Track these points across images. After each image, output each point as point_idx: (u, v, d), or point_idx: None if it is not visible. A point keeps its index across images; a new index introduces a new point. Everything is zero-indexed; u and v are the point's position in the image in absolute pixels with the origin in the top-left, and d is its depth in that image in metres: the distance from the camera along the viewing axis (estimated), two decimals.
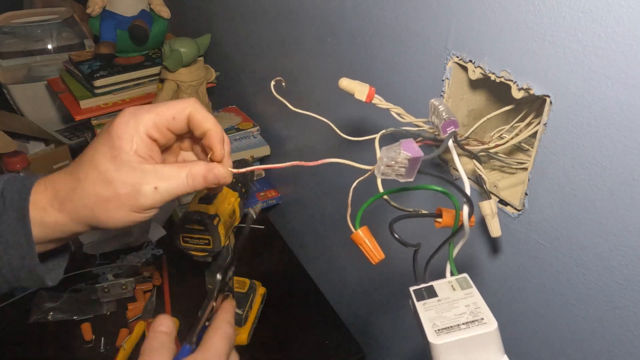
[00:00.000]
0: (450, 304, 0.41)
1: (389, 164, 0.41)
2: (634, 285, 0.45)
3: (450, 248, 0.45)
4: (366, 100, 0.54)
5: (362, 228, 0.45)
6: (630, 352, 0.48)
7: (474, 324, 0.39)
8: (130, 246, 1.03)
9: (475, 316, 0.40)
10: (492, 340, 0.39)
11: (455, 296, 0.42)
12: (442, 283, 0.44)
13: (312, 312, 0.94)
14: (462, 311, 0.40)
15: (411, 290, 0.44)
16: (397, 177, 0.42)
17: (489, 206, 0.52)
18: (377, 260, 0.45)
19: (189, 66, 1.11)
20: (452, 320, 0.40)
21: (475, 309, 0.40)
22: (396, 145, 0.41)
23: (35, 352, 0.83)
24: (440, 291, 0.43)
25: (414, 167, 0.41)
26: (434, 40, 0.59)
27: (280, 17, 0.94)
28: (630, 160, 0.42)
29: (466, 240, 0.44)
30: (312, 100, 0.89)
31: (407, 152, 0.40)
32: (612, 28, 0.40)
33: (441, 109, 0.47)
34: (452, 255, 0.45)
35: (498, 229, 0.53)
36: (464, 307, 0.41)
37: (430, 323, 0.40)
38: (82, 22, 1.41)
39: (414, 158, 0.40)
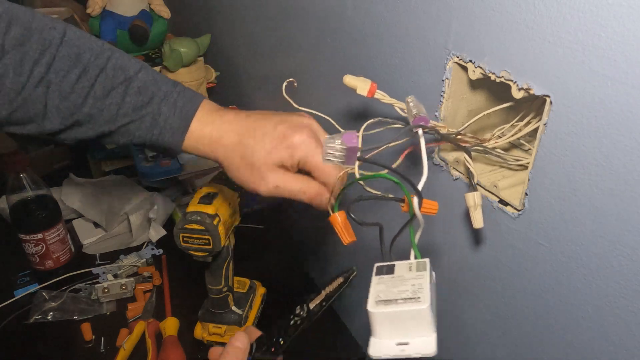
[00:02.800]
0: (400, 282, 0.45)
1: (329, 151, 0.47)
2: (634, 285, 0.45)
3: (411, 232, 0.48)
4: (368, 95, 0.56)
5: (340, 212, 0.51)
6: (630, 352, 0.48)
7: (410, 301, 0.42)
8: (130, 246, 1.03)
9: (414, 294, 0.43)
10: (423, 317, 0.42)
11: (408, 276, 0.46)
12: (403, 264, 0.48)
13: None
14: (406, 289, 0.44)
15: (375, 266, 0.49)
16: (340, 163, 0.48)
17: (472, 198, 0.54)
18: (348, 242, 0.51)
19: (189, 66, 1.11)
20: (394, 294, 0.44)
21: (418, 289, 0.44)
22: (338, 135, 0.47)
23: (35, 352, 0.83)
24: (398, 270, 0.47)
25: (352, 156, 0.47)
26: (434, 40, 0.59)
27: (280, 17, 0.94)
28: (630, 160, 0.42)
29: (423, 228, 0.48)
30: (312, 100, 0.89)
31: (346, 142, 0.47)
32: (612, 28, 0.40)
33: (412, 105, 0.52)
34: (414, 240, 0.49)
35: (480, 221, 0.54)
36: (410, 285, 0.44)
37: (375, 294, 0.45)
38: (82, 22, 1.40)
39: (350, 147, 0.46)
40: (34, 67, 0.49)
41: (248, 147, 0.51)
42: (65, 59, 0.50)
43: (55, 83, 0.50)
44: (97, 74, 0.51)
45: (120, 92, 0.51)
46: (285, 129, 0.51)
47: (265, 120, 0.52)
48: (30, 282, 0.94)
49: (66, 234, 0.96)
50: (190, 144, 0.54)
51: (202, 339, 0.83)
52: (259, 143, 0.51)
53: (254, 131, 0.51)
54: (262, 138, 0.51)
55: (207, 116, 0.53)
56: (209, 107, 0.54)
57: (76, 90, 0.51)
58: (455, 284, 0.67)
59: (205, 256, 0.71)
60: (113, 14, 1.20)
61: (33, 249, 0.91)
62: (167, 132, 0.53)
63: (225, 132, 0.52)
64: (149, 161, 1.04)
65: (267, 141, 0.51)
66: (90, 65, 0.51)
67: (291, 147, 0.51)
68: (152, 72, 0.54)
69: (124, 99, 0.52)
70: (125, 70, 0.52)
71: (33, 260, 0.93)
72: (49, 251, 0.92)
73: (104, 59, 0.52)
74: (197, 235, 0.68)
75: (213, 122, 0.53)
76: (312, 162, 0.51)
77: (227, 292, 0.79)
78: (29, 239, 0.90)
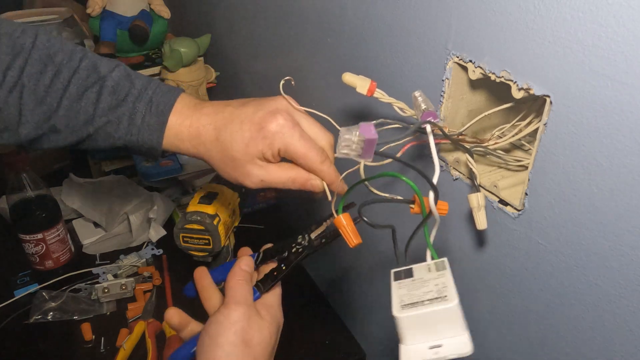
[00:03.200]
0: (421, 283, 0.43)
1: (347, 144, 0.45)
2: (634, 285, 0.45)
3: (426, 233, 0.47)
4: (367, 94, 0.55)
5: (344, 214, 0.50)
6: (630, 352, 0.48)
7: (436, 301, 0.41)
8: (130, 246, 1.03)
9: (440, 294, 0.41)
10: (453, 316, 0.41)
11: (428, 277, 0.44)
12: (421, 266, 0.46)
13: (312, 312, 0.94)
14: (430, 289, 0.42)
15: (392, 272, 0.46)
16: (356, 157, 0.46)
17: (475, 199, 0.53)
18: (354, 244, 0.49)
19: (189, 66, 1.11)
20: (418, 297, 0.42)
21: (443, 287, 0.42)
22: (355, 127, 0.45)
23: (35, 352, 0.83)
24: (417, 273, 0.45)
25: (370, 149, 0.45)
26: (434, 40, 0.59)
27: (280, 17, 0.94)
28: (630, 160, 0.42)
29: (438, 226, 0.46)
30: (312, 100, 0.89)
31: (364, 133, 0.44)
32: (612, 28, 0.40)
33: (420, 100, 0.50)
34: (430, 240, 0.47)
35: (484, 222, 0.54)
36: (433, 285, 0.43)
37: (399, 299, 0.42)
38: (82, 22, 1.40)
39: (369, 139, 0.44)
40: (6, 71, 0.49)
41: (226, 142, 0.50)
42: (38, 62, 0.50)
43: (29, 87, 0.49)
44: (71, 75, 0.50)
45: (94, 91, 0.51)
46: (262, 117, 0.49)
47: (240, 110, 0.51)
48: (30, 282, 0.94)
49: (66, 234, 0.96)
50: (171, 142, 0.52)
51: None
52: (237, 134, 0.49)
53: (231, 123, 0.50)
54: (240, 127, 0.49)
55: (185, 110, 0.52)
56: (187, 101, 0.53)
57: (50, 93, 0.50)
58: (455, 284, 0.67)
59: (205, 256, 0.71)
60: (113, 14, 1.20)
61: (33, 249, 0.91)
62: (145, 131, 0.51)
63: (203, 126, 0.51)
64: (149, 161, 1.04)
65: (245, 130, 0.49)
66: (64, 66, 0.50)
67: (268, 137, 0.49)
68: (126, 70, 0.53)
69: (99, 98, 0.50)
70: (98, 70, 0.51)
71: (33, 260, 0.93)
72: (49, 251, 0.92)
73: (76, 60, 0.51)
74: (197, 235, 0.68)
75: (191, 115, 0.51)
76: (291, 150, 0.49)
77: None
78: (29, 239, 0.90)
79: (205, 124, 0.51)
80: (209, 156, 0.51)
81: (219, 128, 0.50)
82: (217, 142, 0.50)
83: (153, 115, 0.51)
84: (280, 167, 0.51)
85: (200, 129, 0.51)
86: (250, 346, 0.47)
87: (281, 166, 0.51)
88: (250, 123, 0.49)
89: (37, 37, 0.51)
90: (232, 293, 0.50)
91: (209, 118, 0.51)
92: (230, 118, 0.50)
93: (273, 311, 0.52)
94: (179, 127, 0.51)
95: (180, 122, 0.51)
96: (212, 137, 0.50)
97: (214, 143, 0.50)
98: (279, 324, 0.52)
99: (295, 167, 0.51)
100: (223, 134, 0.50)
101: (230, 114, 0.51)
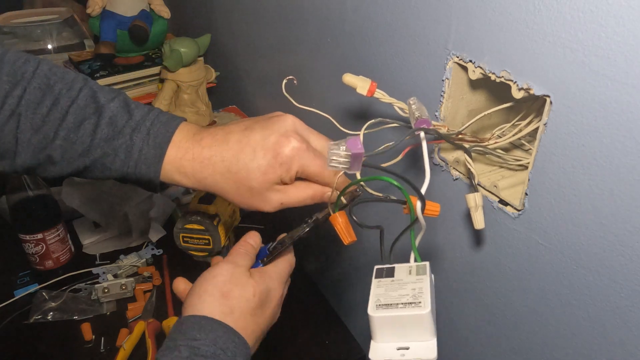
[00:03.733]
0: (400, 285, 0.45)
1: (333, 158, 0.47)
2: (634, 285, 0.45)
3: (412, 236, 0.48)
4: (367, 95, 0.56)
5: (340, 212, 0.51)
6: (630, 352, 0.48)
7: (410, 306, 0.42)
8: (130, 246, 1.03)
9: (415, 299, 0.43)
10: (424, 322, 0.42)
11: (407, 279, 0.46)
12: (403, 267, 0.48)
13: (312, 312, 0.93)
14: (406, 293, 0.44)
15: (375, 268, 0.48)
16: (345, 169, 0.47)
17: (473, 199, 0.53)
18: (348, 241, 0.50)
19: (189, 66, 1.11)
20: (394, 299, 0.43)
21: (419, 293, 0.43)
22: (342, 142, 0.47)
23: (35, 352, 0.83)
24: (398, 273, 0.47)
25: (357, 162, 0.46)
26: (434, 40, 0.59)
27: (280, 17, 0.94)
28: (630, 160, 0.42)
29: (424, 231, 0.48)
30: (312, 100, 0.89)
31: (350, 148, 0.46)
32: (612, 28, 0.40)
33: (414, 107, 0.51)
34: (414, 243, 0.48)
35: (481, 222, 0.54)
36: (410, 289, 0.44)
37: (375, 298, 0.44)
38: (82, 22, 1.40)
39: (355, 154, 0.46)
40: (5, 99, 0.48)
41: (240, 173, 0.49)
42: (37, 90, 0.49)
43: (25, 115, 0.48)
44: (69, 104, 0.49)
45: (92, 122, 0.49)
46: (273, 143, 0.48)
47: (247, 136, 0.49)
48: (30, 282, 0.94)
49: (66, 234, 0.96)
50: (170, 175, 0.50)
51: None
52: (252, 163, 0.48)
53: (242, 153, 0.48)
54: (254, 157, 0.48)
55: (184, 142, 0.50)
56: (185, 132, 0.51)
57: (47, 122, 0.49)
58: (455, 283, 0.67)
59: (205, 256, 0.71)
60: (113, 14, 1.20)
61: (33, 249, 0.91)
62: (142, 164, 0.50)
63: (208, 159, 0.49)
64: None
65: (260, 158, 0.48)
66: (62, 96, 0.49)
67: (286, 163, 0.48)
68: (125, 100, 0.51)
69: (96, 129, 0.49)
70: (97, 100, 0.50)
71: (33, 260, 0.93)
72: (49, 251, 0.92)
73: (76, 90, 0.50)
74: (197, 235, 0.68)
75: (192, 148, 0.49)
76: (308, 171, 0.50)
77: None
78: (29, 239, 0.90)
79: (211, 157, 0.49)
80: (219, 188, 0.50)
81: (228, 159, 0.49)
82: (229, 174, 0.49)
83: (151, 148, 0.50)
84: (297, 187, 0.51)
85: (204, 162, 0.49)
86: (227, 298, 0.48)
87: (297, 186, 0.51)
88: (264, 150, 0.48)
89: (39, 66, 0.50)
90: (227, 256, 0.52)
91: (212, 150, 0.49)
92: (239, 147, 0.49)
93: (266, 277, 0.52)
94: (179, 160, 0.50)
95: (181, 156, 0.50)
96: (221, 169, 0.49)
97: (225, 175, 0.49)
98: (270, 289, 0.51)
99: (310, 184, 0.52)
100: (235, 166, 0.49)
101: (237, 142, 0.49)
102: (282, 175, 0.49)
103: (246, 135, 0.49)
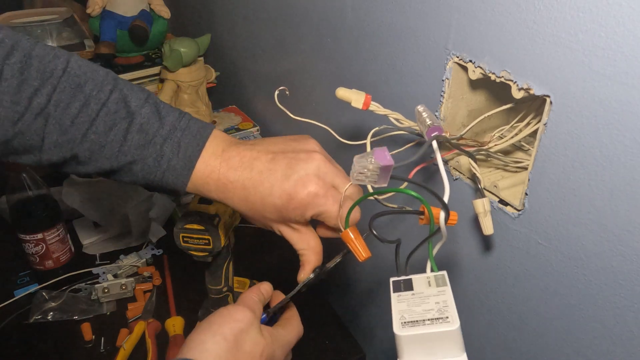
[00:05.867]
0: (422, 299, 0.43)
1: (361, 172, 0.44)
2: (634, 286, 0.45)
3: (430, 246, 0.46)
4: (363, 108, 0.55)
5: (351, 227, 0.48)
6: (630, 352, 0.48)
7: (438, 322, 0.40)
8: (130, 246, 1.03)
9: (441, 314, 0.41)
10: (453, 338, 0.40)
11: (428, 292, 0.44)
12: (420, 277, 0.46)
13: (312, 312, 0.93)
14: (430, 307, 0.42)
15: (391, 281, 0.46)
16: (371, 183, 0.45)
17: (481, 204, 0.53)
18: (364, 258, 0.48)
19: (189, 66, 1.11)
20: (419, 314, 0.41)
21: (444, 307, 0.42)
22: (369, 154, 0.43)
23: (35, 352, 0.83)
24: (416, 285, 0.45)
25: (386, 174, 0.44)
26: (434, 40, 0.59)
27: (280, 17, 0.94)
28: (630, 160, 0.42)
29: (444, 242, 0.46)
30: (312, 101, 0.89)
31: (379, 160, 0.43)
32: (612, 28, 0.40)
33: (425, 115, 0.49)
34: (432, 253, 0.47)
35: (490, 227, 0.53)
36: (434, 303, 0.42)
37: (399, 315, 0.42)
38: (82, 22, 1.40)
39: (385, 166, 0.43)
40: (33, 97, 0.47)
41: (256, 204, 0.49)
42: (67, 90, 0.48)
43: (54, 116, 0.48)
44: (99, 108, 0.49)
45: (122, 128, 0.49)
46: (291, 187, 0.48)
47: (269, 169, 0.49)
48: (30, 282, 0.94)
49: (66, 234, 0.96)
50: (196, 188, 0.51)
51: None
52: (268, 199, 0.49)
53: (261, 186, 0.49)
54: (271, 193, 0.48)
55: (212, 160, 0.50)
56: (215, 147, 0.51)
57: (76, 124, 0.48)
58: (454, 284, 0.67)
59: (205, 256, 0.71)
60: (113, 14, 1.20)
61: (33, 249, 0.91)
62: (170, 174, 0.50)
63: (231, 182, 0.50)
64: None
65: (275, 197, 0.48)
66: (92, 98, 0.49)
67: (299, 208, 0.48)
68: (156, 105, 0.51)
69: (126, 136, 0.49)
70: (128, 105, 0.50)
71: (33, 260, 0.93)
72: (49, 251, 0.92)
73: (106, 92, 0.49)
74: (197, 235, 0.68)
75: (218, 168, 0.50)
76: (323, 217, 0.49)
77: (227, 292, 0.78)
78: (29, 239, 0.90)
79: (234, 181, 0.50)
80: (238, 209, 0.51)
81: (247, 188, 0.49)
82: (247, 202, 0.50)
83: (180, 160, 0.50)
84: (308, 233, 0.53)
85: (228, 186, 0.50)
86: (239, 349, 0.47)
87: (309, 232, 0.53)
88: (281, 191, 0.48)
89: (69, 62, 0.49)
90: (243, 298, 0.52)
91: (237, 174, 0.49)
92: (259, 179, 0.49)
93: (276, 340, 0.51)
94: (205, 178, 0.50)
95: (208, 174, 0.50)
96: (240, 196, 0.50)
97: (243, 202, 0.50)
98: (275, 355, 0.51)
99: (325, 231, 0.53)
100: (252, 196, 0.49)
101: (259, 174, 0.49)
102: (296, 218, 0.50)
103: (269, 169, 0.49)
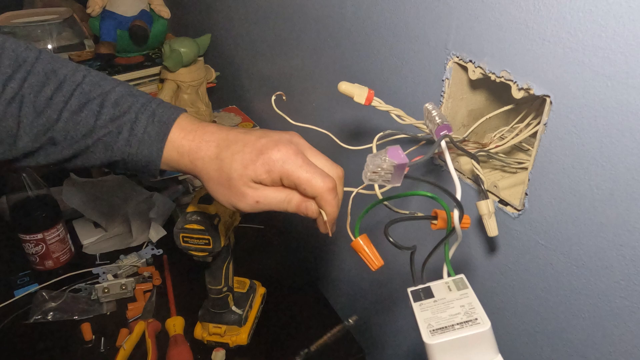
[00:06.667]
0: (445, 305, 0.42)
1: (375, 171, 0.42)
2: (634, 286, 0.45)
3: (446, 249, 0.46)
4: (365, 103, 0.54)
5: (362, 236, 0.47)
6: (630, 352, 0.48)
7: (467, 324, 0.40)
8: (130, 246, 1.03)
9: (469, 316, 0.40)
10: (486, 339, 0.39)
11: (451, 297, 0.42)
12: (439, 284, 0.44)
13: (312, 312, 0.93)
14: (457, 311, 0.41)
15: (409, 292, 0.44)
16: (384, 182, 0.43)
17: (485, 206, 0.52)
18: (377, 267, 0.46)
19: (189, 66, 1.11)
20: (446, 320, 0.40)
21: (470, 309, 0.41)
22: (382, 152, 0.42)
23: (35, 352, 0.83)
24: (436, 292, 0.44)
25: (400, 173, 0.42)
26: (434, 40, 0.59)
27: (280, 17, 0.94)
28: (630, 160, 0.42)
29: (460, 242, 0.45)
30: (312, 101, 0.89)
31: (393, 159, 0.41)
32: (612, 28, 0.40)
33: (434, 113, 0.48)
34: (448, 257, 0.46)
35: (495, 229, 0.53)
36: (459, 307, 0.41)
37: (426, 324, 0.41)
38: (82, 22, 1.40)
39: (399, 165, 0.41)
40: (7, 82, 0.48)
41: (225, 160, 0.49)
42: (41, 74, 0.49)
43: (29, 98, 0.49)
44: (74, 88, 0.50)
45: (96, 104, 0.50)
46: (265, 143, 0.49)
47: (247, 134, 0.50)
48: (30, 282, 0.94)
49: (66, 234, 0.96)
50: (169, 155, 0.51)
51: (202, 339, 0.83)
52: (237, 154, 0.49)
53: (234, 143, 0.49)
54: (242, 149, 0.49)
55: (188, 125, 0.51)
56: (191, 118, 0.52)
57: (51, 105, 0.49)
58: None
59: (205, 256, 0.71)
60: (113, 14, 1.20)
61: (33, 249, 0.91)
62: (145, 142, 0.51)
63: (205, 142, 0.50)
64: None
65: (246, 152, 0.49)
66: (67, 80, 0.50)
67: (269, 163, 0.48)
68: (129, 88, 0.53)
69: (101, 110, 0.50)
70: (101, 86, 0.51)
71: (33, 260, 0.93)
72: (49, 251, 0.92)
73: (80, 76, 0.51)
74: (197, 235, 0.68)
75: (195, 130, 0.51)
76: (293, 177, 0.48)
77: (227, 292, 0.79)
78: (29, 239, 0.90)
79: (208, 140, 0.50)
80: (205, 173, 0.51)
81: (220, 146, 0.50)
82: (216, 159, 0.50)
83: (155, 126, 0.51)
84: (276, 189, 0.50)
85: (201, 144, 0.50)
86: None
87: (277, 188, 0.50)
88: (252, 147, 0.49)
89: (41, 53, 0.51)
90: None
91: (213, 136, 0.50)
92: (235, 140, 0.50)
93: None
94: (180, 140, 0.51)
95: (183, 136, 0.51)
96: (212, 154, 0.50)
97: (213, 160, 0.50)
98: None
99: (289, 191, 0.50)
100: (224, 153, 0.49)
101: (235, 136, 0.50)
102: (261, 174, 0.48)
103: (244, 133, 0.51)
